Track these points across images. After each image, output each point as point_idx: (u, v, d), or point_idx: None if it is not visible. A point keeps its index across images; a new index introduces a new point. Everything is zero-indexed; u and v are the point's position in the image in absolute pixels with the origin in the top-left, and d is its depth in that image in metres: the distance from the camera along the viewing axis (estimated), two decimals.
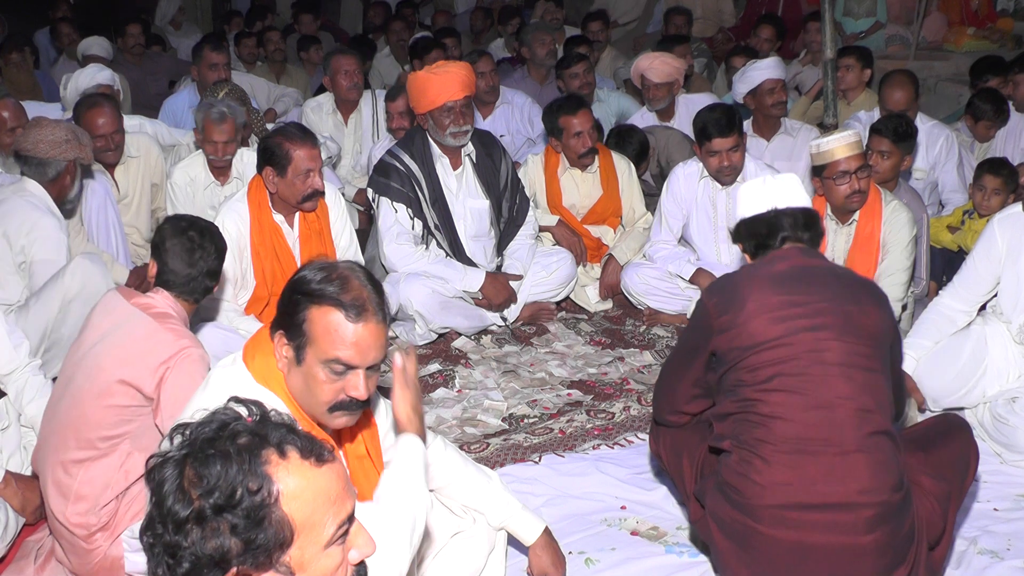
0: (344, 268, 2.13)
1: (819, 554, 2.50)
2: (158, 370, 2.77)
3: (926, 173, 5.33)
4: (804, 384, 2.54)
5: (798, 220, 2.83)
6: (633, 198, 5.39)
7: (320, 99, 6.58)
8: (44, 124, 4.16)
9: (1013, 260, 3.65)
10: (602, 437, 3.80)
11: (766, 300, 2.63)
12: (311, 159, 4.12)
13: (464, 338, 4.75)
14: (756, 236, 2.88)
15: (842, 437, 2.51)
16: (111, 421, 2.81)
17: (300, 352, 2.09)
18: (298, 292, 2.10)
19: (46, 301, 3.89)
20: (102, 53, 7.23)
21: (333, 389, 2.08)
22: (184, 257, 2.97)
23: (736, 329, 2.63)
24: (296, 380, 2.13)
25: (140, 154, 5.19)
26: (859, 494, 2.48)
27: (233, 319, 4.24)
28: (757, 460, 2.55)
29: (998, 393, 3.64)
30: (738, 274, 2.86)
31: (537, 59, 7.24)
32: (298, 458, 1.44)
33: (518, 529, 2.71)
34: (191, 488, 1.39)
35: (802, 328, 2.58)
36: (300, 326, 2.08)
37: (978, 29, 8.43)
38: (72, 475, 2.82)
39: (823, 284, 2.68)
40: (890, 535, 2.50)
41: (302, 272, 2.14)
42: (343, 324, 2.05)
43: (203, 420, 1.46)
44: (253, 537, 1.38)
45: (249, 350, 2.23)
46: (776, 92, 5.54)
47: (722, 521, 2.63)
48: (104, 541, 2.85)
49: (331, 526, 1.44)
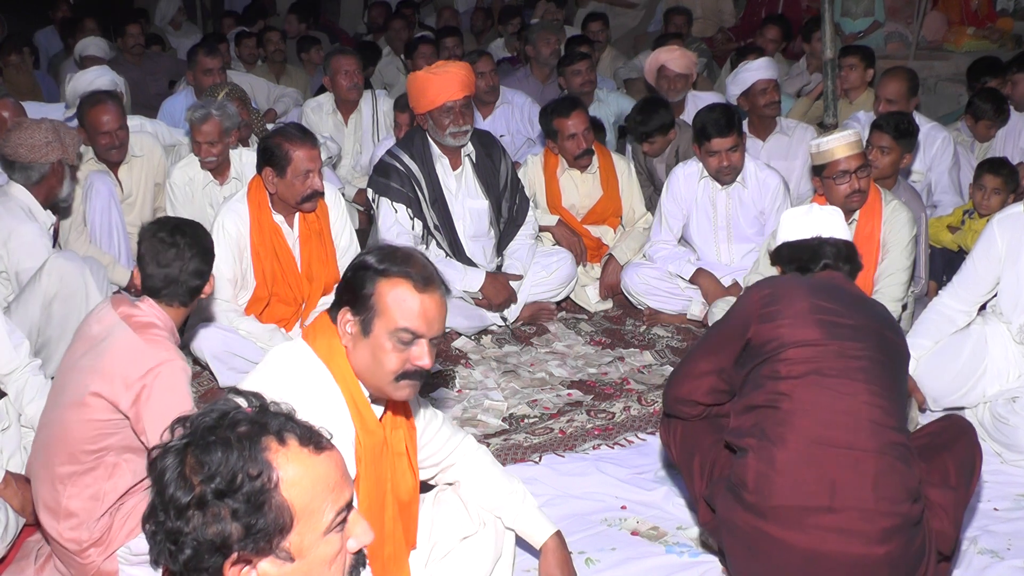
0: (406, 248, 2.27)
1: (831, 563, 2.48)
2: (133, 386, 2.70)
3: (923, 175, 5.33)
4: (835, 385, 2.57)
5: (841, 251, 3.02)
6: (633, 198, 5.40)
7: (320, 99, 6.58)
8: (25, 126, 4.12)
9: (1013, 260, 3.65)
10: (602, 437, 3.80)
11: (812, 303, 2.70)
12: (310, 160, 4.12)
13: (464, 338, 4.75)
14: (798, 260, 3.03)
15: (865, 442, 2.52)
16: (91, 435, 2.77)
17: (367, 325, 2.17)
18: (364, 268, 2.20)
19: (26, 305, 3.87)
20: (99, 53, 7.23)
21: (400, 359, 2.17)
22: (157, 260, 2.88)
23: (781, 320, 2.67)
24: (362, 352, 2.20)
25: (144, 153, 5.18)
26: (877, 501, 2.48)
27: (233, 320, 4.24)
28: (779, 454, 2.54)
29: (998, 393, 3.64)
30: (784, 278, 2.98)
31: (542, 58, 7.24)
32: (297, 445, 1.46)
33: (528, 529, 2.70)
34: (192, 475, 1.41)
35: (841, 335, 2.64)
36: (368, 299, 2.17)
37: (978, 29, 8.43)
38: (59, 491, 2.80)
39: (861, 305, 2.79)
40: (903, 548, 2.49)
41: (364, 255, 2.24)
42: (412, 295, 2.16)
43: (203, 410, 1.48)
44: (254, 522, 1.40)
45: (309, 333, 2.30)
46: (768, 92, 5.53)
47: (733, 526, 2.62)
48: (97, 556, 2.83)
49: (330, 513, 1.46)
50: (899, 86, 5.31)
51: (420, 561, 2.54)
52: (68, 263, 3.92)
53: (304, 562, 1.44)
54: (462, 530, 2.60)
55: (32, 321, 3.82)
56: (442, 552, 2.57)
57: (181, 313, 2.95)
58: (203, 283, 2.96)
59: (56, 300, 3.85)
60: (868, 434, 2.53)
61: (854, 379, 2.58)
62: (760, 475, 2.55)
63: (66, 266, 3.90)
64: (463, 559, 2.58)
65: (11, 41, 8.31)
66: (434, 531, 2.59)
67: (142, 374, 2.70)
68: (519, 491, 2.69)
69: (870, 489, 2.48)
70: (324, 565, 1.46)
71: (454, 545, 2.59)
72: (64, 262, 3.91)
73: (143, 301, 2.89)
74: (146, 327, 2.80)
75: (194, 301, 2.98)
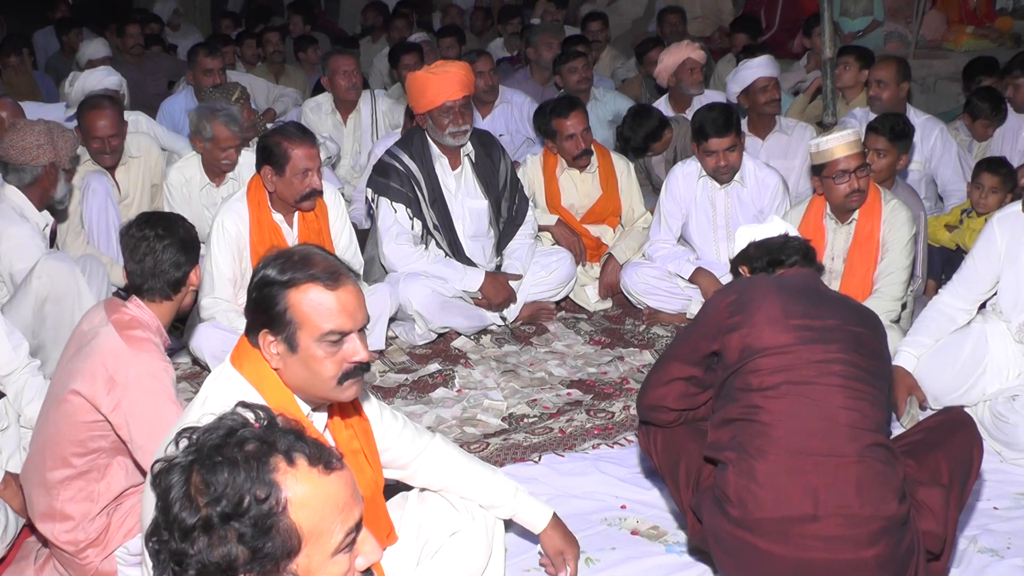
0: (299, 249, 2.18)
1: (820, 570, 2.48)
2: (112, 392, 2.68)
3: (922, 165, 5.33)
4: (809, 393, 2.55)
5: (808, 251, 3.00)
6: (632, 198, 5.39)
7: (319, 99, 6.58)
8: (19, 128, 4.11)
9: (1012, 259, 3.65)
10: (602, 436, 3.80)
11: (780, 307, 2.66)
12: (309, 158, 4.12)
13: (464, 338, 4.74)
14: (769, 253, 2.99)
15: (844, 448, 2.51)
16: (80, 438, 2.75)
17: (291, 340, 2.10)
18: (267, 285, 2.11)
19: (19, 308, 3.85)
20: (106, 54, 7.20)
21: (336, 362, 2.11)
22: (131, 256, 2.85)
23: (747, 329, 2.64)
24: (296, 369, 2.13)
25: (140, 154, 5.18)
26: (861, 506, 2.47)
27: (233, 319, 4.23)
28: (759, 467, 2.53)
29: (998, 391, 3.63)
30: (752, 280, 2.91)
31: (543, 62, 7.21)
32: (306, 465, 1.42)
33: (528, 516, 2.72)
34: (198, 496, 1.37)
35: (812, 339, 2.61)
36: (283, 315, 2.09)
37: (977, 28, 8.44)
38: (53, 495, 2.79)
39: (834, 305, 2.76)
40: (892, 548, 2.48)
41: (261, 271, 2.15)
42: (325, 295, 2.09)
43: (210, 426, 1.45)
44: (260, 546, 1.37)
45: (235, 359, 2.22)
46: (769, 90, 5.54)
47: (720, 538, 2.61)
48: (95, 557, 2.82)
49: (339, 534, 1.43)
50: (888, 68, 5.32)
51: (411, 560, 2.52)
52: (58, 264, 3.89)
53: None
54: (451, 525, 2.59)
55: (25, 323, 3.79)
56: (432, 549, 2.56)
57: (167, 308, 2.89)
58: (184, 275, 2.88)
59: (48, 302, 3.83)
60: (846, 439, 2.52)
61: (828, 384, 2.56)
62: (742, 488, 2.54)
63: (56, 267, 3.87)
64: (455, 555, 2.57)
65: (10, 42, 8.33)
66: (422, 530, 2.57)
67: (118, 380, 2.67)
68: (506, 482, 2.69)
69: (853, 494, 2.48)
70: None
71: (444, 541, 2.57)
72: (55, 263, 3.88)
73: (131, 300, 2.87)
74: (129, 326, 2.77)
75: (180, 294, 2.90)
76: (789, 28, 8.77)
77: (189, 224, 3.00)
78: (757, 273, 3.01)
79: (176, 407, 2.66)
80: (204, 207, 4.98)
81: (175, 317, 2.99)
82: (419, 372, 4.43)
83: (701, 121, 4.68)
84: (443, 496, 2.64)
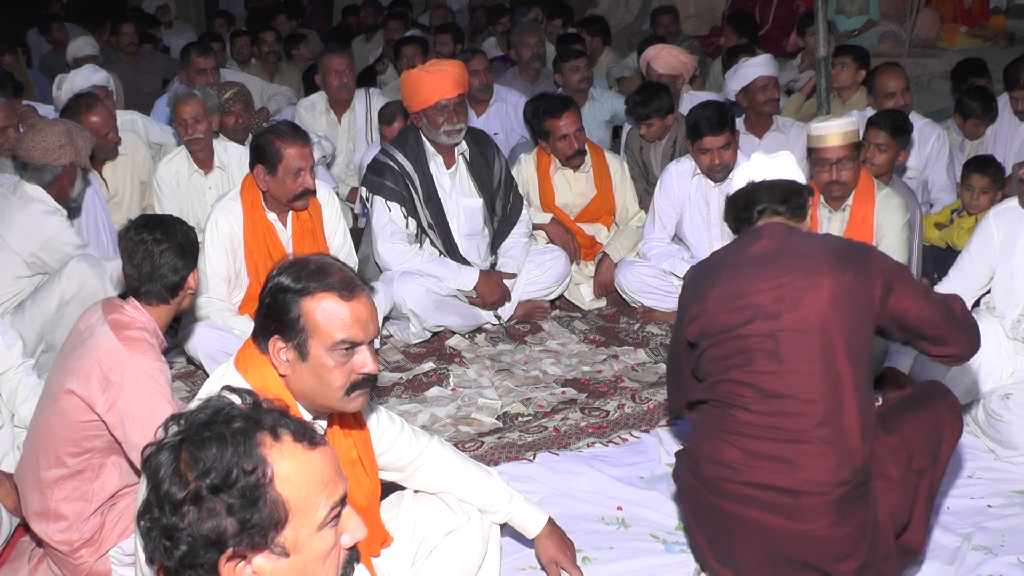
0: (315, 258, 2.19)
1: (760, 530, 2.55)
2: (107, 392, 2.68)
3: (918, 172, 5.34)
4: (757, 375, 2.57)
5: (775, 193, 2.79)
6: (626, 196, 5.40)
7: (313, 98, 6.57)
8: (39, 129, 4.13)
9: (1008, 254, 3.66)
10: (596, 435, 3.81)
11: (728, 288, 2.66)
12: (302, 158, 4.11)
13: (458, 336, 4.74)
14: (735, 210, 2.87)
15: (798, 426, 2.53)
16: (74, 437, 2.75)
17: (303, 348, 2.11)
18: (282, 292, 2.12)
19: (43, 302, 3.88)
20: (93, 52, 7.21)
21: (345, 372, 2.12)
22: (129, 260, 2.86)
23: (702, 319, 2.69)
24: (305, 376, 2.14)
25: (127, 152, 5.18)
26: (804, 483, 2.51)
27: (227, 319, 4.23)
28: (721, 447, 2.63)
29: (992, 389, 3.64)
30: (712, 259, 2.89)
31: (523, 62, 7.25)
32: (291, 441, 1.47)
33: (522, 522, 2.74)
34: (187, 470, 1.41)
35: (757, 316, 2.59)
36: (296, 322, 2.10)
37: (971, 27, 8.46)
38: (47, 495, 2.79)
39: (793, 266, 2.61)
40: (835, 526, 2.51)
41: (275, 278, 2.16)
42: (339, 306, 2.10)
43: (197, 407, 1.49)
44: (249, 517, 1.40)
45: (240, 363, 2.23)
46: (768, 89, 5.55)
47: (684, 491, 2.78)
48: (89, 557, 2.82)
49: (324, 508, 1.47)
50: (900, 79, 5.29)
51: (407, 560, 2.53)
52: (90, 268, 3.94)
53: (299, 557, 1.45)
54: (446, 524, 2.60)
55: (45, 319, 3.85)
56: (428, 549, 2.57)
57: (164, 311, 2.89)
58: (181, 279, 2.88)
59: (72, 303, 3.85)
60: (796, 418, 2.53)
61: (777, 361, 2.55)
62: (707, 459, 2.66)
63: (88, 271, 3.93)
64: (451, 554, 2.58)
65: (4, 41, 8.31)
66: (418, 529, 2.58)
67: (112, 380, 2.67)
68: (502, 488, 2.70)
69: (797, 472, 2.51)
70: (319, 560, 1.47)
71: (440, 540, 2.58)
72: (86, 267, 3.94)
73: (128, 302, 2.87)
74: (126, 327, 2.77)
75: (178, 297, 2.90)
76: (783, 26, 8.79)
77: (188, 228, 2.99)
78: (732, 228, 2.93)
79: (171, 407, 2.66)
80: (193, 197, 5.00)
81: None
82: (414, 371, 4.43)
83: (695, 119, 4.69)
84: (439, 496, 2.65)
